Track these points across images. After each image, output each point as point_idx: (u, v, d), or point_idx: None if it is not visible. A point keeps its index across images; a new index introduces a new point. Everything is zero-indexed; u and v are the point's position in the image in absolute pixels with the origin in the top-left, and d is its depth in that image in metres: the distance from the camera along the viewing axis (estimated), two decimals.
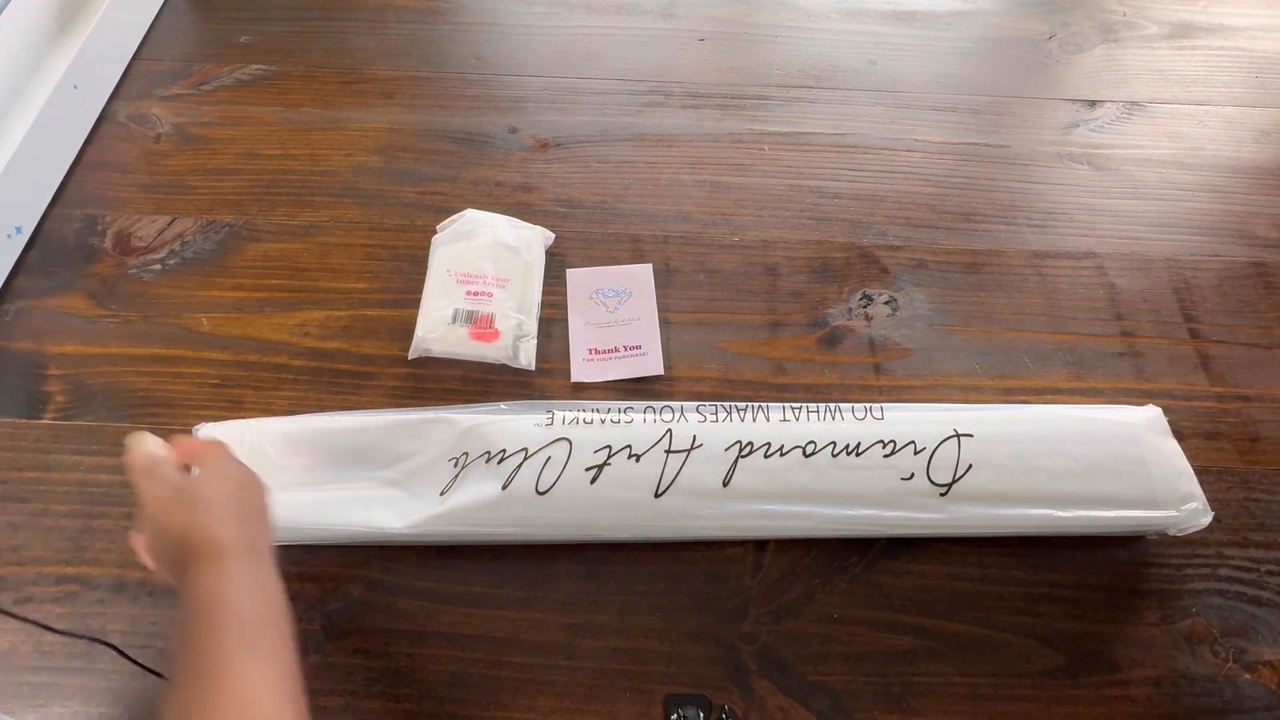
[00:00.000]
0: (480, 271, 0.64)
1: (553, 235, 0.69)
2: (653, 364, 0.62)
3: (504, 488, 0.52)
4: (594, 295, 0.66)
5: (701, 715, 0.48)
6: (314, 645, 0.50)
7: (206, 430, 0.56)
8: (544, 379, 0.62)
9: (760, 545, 0.54)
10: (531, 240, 0.68)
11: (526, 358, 0.62)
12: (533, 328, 0.63)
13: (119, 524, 0.54)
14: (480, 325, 0.62)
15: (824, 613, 0.52)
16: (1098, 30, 0.90)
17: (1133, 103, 0.83)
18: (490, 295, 0.63)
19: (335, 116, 0.79)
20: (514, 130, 0.79)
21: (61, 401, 0.60)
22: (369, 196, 0.73)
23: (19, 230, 0.68)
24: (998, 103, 0.83)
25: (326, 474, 0.54)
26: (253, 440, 0.55)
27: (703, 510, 0.53)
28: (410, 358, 0.62)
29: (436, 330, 0.62)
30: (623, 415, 0.56)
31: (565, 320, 0.65)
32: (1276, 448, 0.60)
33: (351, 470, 0.54)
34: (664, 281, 0.67)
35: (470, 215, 0.68)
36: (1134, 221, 0.73)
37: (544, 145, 0.77)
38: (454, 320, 0.62)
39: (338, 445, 0.55)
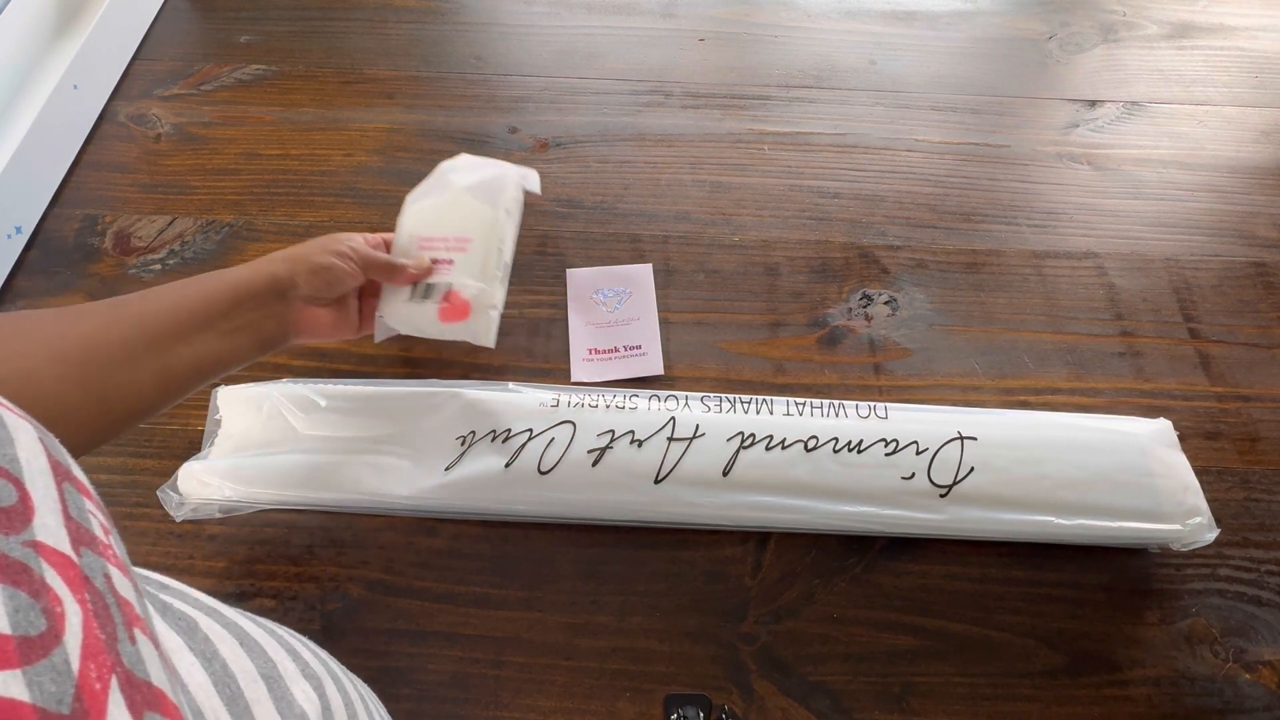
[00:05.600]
0: (442, 234, 0.54)
1: (535, 173, 0.59)
2: (653, 364, 0.62)
3: (507, 465, 0.53)
4: (594, 295, 0.66)
5: (701, 715, 0.48)
6: None
7: (225, 392, 0.57)
8: (544, 379, 0.62)
9: (760, 545, 0.54)
10: (503, 183, 0.56)
11: (486, 333, 0.53)
12: (498, 296, 0.54)
13: (119, 524, 0.54)
14: (447, 300, 0.53)
15: (824, 613, 0.52)
16: (1098, 30, 0.90)
17: (1133, 103, 0.83)
18: (451, 263, 0.54)
19: (335, 116, 0.79)
20: (514, 130, 0.78)
21: None
22: (369, 196, 0.73)
23: (19, 230, 0.68)
24: (998, 103, 0.83)
25: (341, 442, 0.55)
26: (273, 403, 0.56)
27: (702, 499, 0.53)
28: (376, 340, 0.56)
29: (392, 306, 0.53)
30: (627, 401, 0.56)
31: (565, 320, 0.65)
32: (1276, 448, 0.60)
33: (365, 440, 0.55)
34: (664, 281, 0.67)
35: (443, 166, 0.58)
36: (1134, 221, 0.73)
37: (544, 145, 0.77)
38: (412, 296, 0.53)
39: (355, 412, 0.56)
